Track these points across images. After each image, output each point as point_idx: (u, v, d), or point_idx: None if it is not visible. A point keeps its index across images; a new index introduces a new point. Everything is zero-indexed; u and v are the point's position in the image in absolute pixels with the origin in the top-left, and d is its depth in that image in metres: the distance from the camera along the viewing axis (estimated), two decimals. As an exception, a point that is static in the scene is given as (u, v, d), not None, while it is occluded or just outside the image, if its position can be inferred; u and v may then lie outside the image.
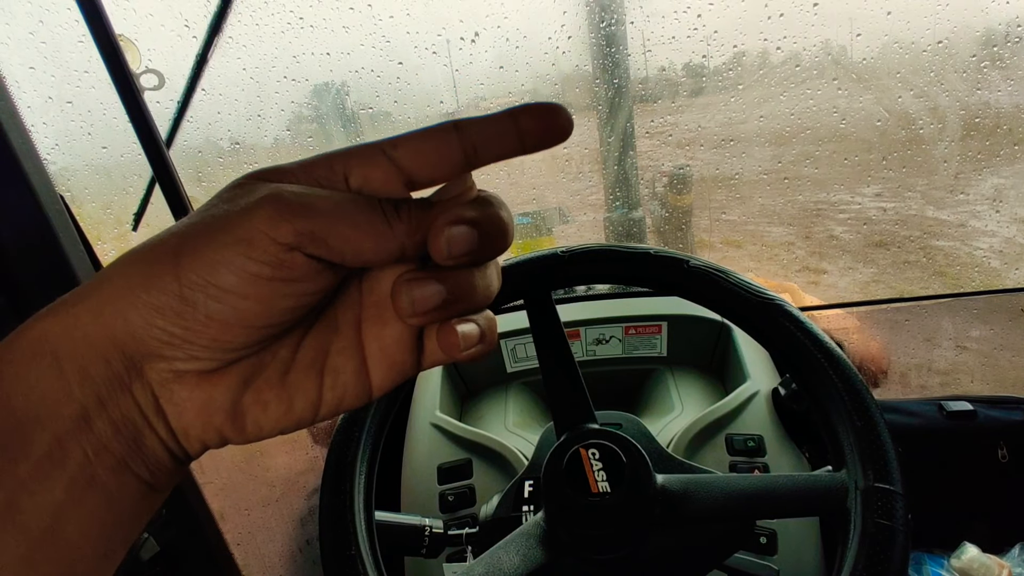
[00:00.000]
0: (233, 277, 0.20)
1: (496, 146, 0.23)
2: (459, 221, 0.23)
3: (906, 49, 0.98)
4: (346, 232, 0.22)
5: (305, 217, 0.21)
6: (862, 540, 0.42)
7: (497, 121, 0.23)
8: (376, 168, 0.23)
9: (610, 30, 1.03)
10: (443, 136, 0.23)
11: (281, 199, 0.21)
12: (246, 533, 1.23)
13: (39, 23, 0.90)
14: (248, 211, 0.20)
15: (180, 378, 0.22)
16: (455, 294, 0.24)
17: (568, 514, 0.48)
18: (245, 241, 0.20)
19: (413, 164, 0.23)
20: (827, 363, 0.50)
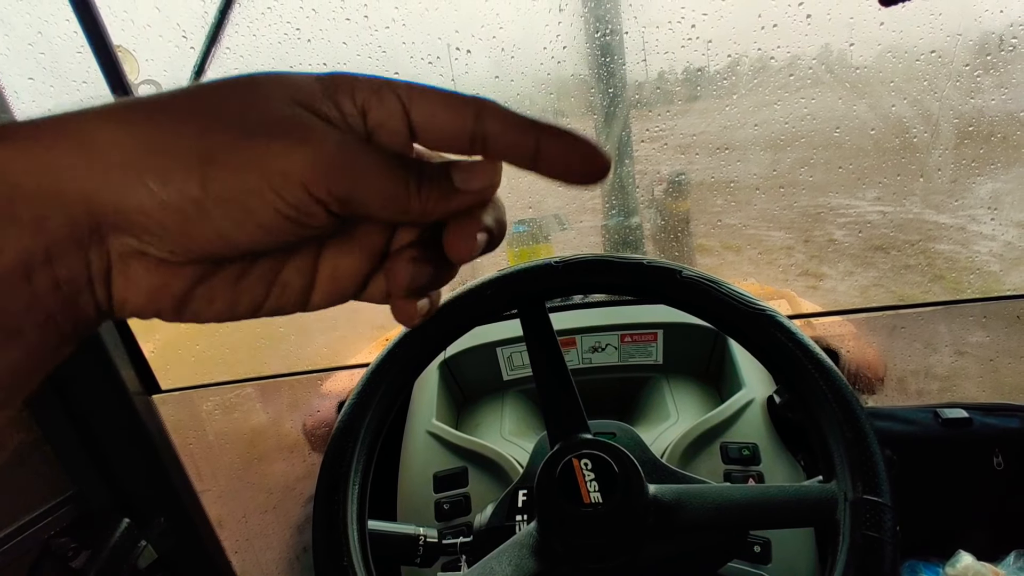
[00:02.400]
0: (257, 206, 0.20)
1: (505, 149, 0.23)
2: (484, 230, 0.25)
3: (900, 58, 0.98)
4: (374, 201, 0.22)
5: (343, 184, 0.21)
6: (851, 552, 0.42)
7: (519, 128, 0.23)
8: (392, 117, 0.23)
9: (605, 40, 1.04)
10: (460, 110, 0.23)
11: (325, 155, 0.21)
12: (244, 540, 1.23)
13: (38, 34, 0.91)
14: (290, 151, 0.20)
15: (142, 258, 0.21)
16: (440, 280, 0.27)
17: (560, 524, 0.48)
18: (281, 179, 0.20)
19: (422, 123, 0.23)
20: (817, 374, 0.50)
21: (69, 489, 0.90)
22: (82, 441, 0.92)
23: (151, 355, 1.01)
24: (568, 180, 0.23)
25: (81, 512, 0.91)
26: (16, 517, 0.83)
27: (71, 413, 0.90)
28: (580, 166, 0.23)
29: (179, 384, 1.09)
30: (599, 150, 0.23)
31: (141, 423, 0.96)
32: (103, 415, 0.93)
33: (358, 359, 1.21)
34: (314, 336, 1.31)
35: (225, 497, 1.21)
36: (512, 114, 0.23)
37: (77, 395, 0.90)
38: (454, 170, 0.24)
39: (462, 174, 0.24)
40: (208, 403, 1.18)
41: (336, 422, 0.54)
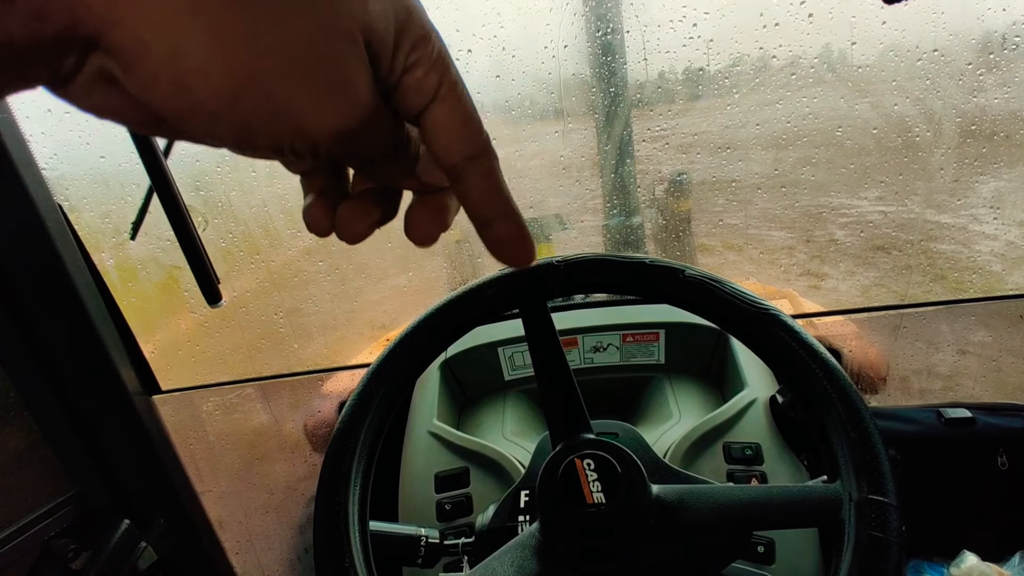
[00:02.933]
0: (247, 116, 0.19)
1: (467, 201, 0.25)
2: (441, 216, 0.28)
3: (902, 57, 0.98)
4: (364, 164, 0.25)
5: (349, 147, 0.22)
6: (856, 552, 0.42)
7: (491, 200, 0.25)
8: (420, 96, 0.23)
9: (606, 39, 1.04)
10: (468, 140, 0.24)
11: (350, 119, 0.21)
12: (245, 541, 1.23)
13: (38, 34, 0.90)
14: (318, 101, 0.20)
15: (110, 83, 0.19)
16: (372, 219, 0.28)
17: (563, 525, 0.48)
18: (290, 119, 0.20)
19: (432, 120, 0.24)
20: (821, 373, 0.50)
21: (69, 490, 0.90)
22: (82, 442, 0.92)
23: (151, 355, 1.01)
24: (494, 256, 0.27)
25: (81, 513, 0.90)
26: (16, 518, 0.83)
27: (71, 414, 0.90)
28: (507, 258, 0.27)
29: (179, 384, 1.09)
30: (529, 251, 0.27)
31: (141, 424, 0.96)
32: (103, 416, 0.93)
33: (359, 359, 1.21)
34: (314, 336, 1.31)
35: (226, 498, 1.21)
36: (496, 184, 0.25)
37: (77, 396, 0.90)
38: (420, 161, 0.26)
39: (425, 167, 0.27)
40: (208, 403, 1.17)
41: (337, 422, 0.54)
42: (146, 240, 1.05)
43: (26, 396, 0.86)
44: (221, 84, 0.18)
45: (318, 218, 0.26)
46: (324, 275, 1.26)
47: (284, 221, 1.21)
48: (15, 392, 0.85)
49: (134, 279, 1.14)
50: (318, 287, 1.26)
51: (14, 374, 0.85)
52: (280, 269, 1.26)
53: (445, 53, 0.23)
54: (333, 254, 1.27)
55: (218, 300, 0.85)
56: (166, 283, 1.16)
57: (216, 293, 0.85)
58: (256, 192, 1.18)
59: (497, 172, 0.25)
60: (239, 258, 1.18)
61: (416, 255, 1.31)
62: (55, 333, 0.87)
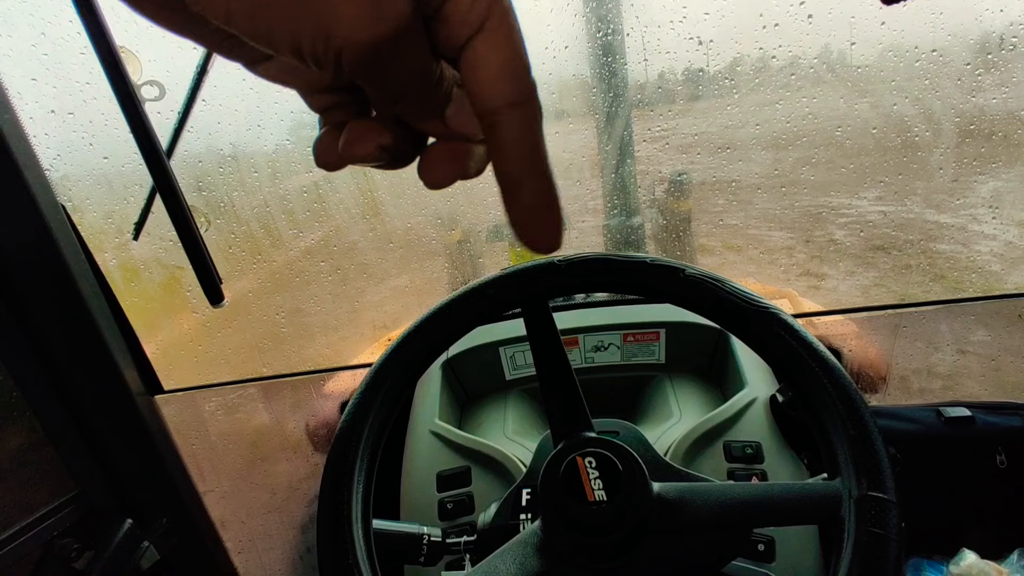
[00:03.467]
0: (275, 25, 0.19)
1: (497, 153, 0.22)
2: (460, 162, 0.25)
3: (901, 57, 0.98)
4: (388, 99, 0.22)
5: (375, 69, 0.20)
6: (855, 549, 0.42)
7: (523, 156, 0.22)
8: (461, 28, 0.21)
9: (607, 39, 1.04)
10: (509, 84, 0.21)
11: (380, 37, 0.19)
12: (247, 541, 1.23)
13: (41, 35, 0.91)
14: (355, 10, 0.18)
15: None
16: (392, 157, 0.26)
17: (564, 523, 0.48)
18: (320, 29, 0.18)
19: (472, 57, 0.21)
20: (821, 372, 0.50)
21: (72, 490, 0.90)
22: (85, 442, 0.92)
23: (154, 355, 1.01)
24: (516, 232, 0.23)
25: (84, 513, 0.91)
26: (19, 518, 0.83)
27: (74, 414, 0.90)
28: (531, 230, 0.23)
29: (182, 385, 1.09)
30: (557, 229, 0.23)
31: (144, 424, 0.96)
32: (106, 416, 0.93)
33: (360, 359, 1.21)
34: (316, 336, 1.31)
35: (228, 497, 1.21)
36: (535, 138, 0.22)
37: (80, 396, 0.91)
38: (451, 104, 0.23)
39: (455, 112, 0.23)
40: (211, 403, 1.18)
41: (339, 422, 0.54)
42: (149, 240, 1.05)
43: (29, 396, 0.86)
44: None
45: (328, 147, 0.24)
46: (326, 275, 1.26)
47: (286, 221, 1.21)
48: (18, 392, 0.85)
49: (136, 279, 1.14)
50: (320, 287, 1.27)
51: (17, 374, 0.85)
52: (282, 269, 1.26)
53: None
54: (335, 254, 1.27)
55: (220, 300, 0.86)
56: (168, 283, 1.16)
57: (218, 293, 0.85)
58: (258, 192, 1.18)
59: (539, 125, 0.22)
60: (241, 258, 1.19)
61: (417, 256, 1.31)
62: (58, 333, 0.87)
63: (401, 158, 0.24)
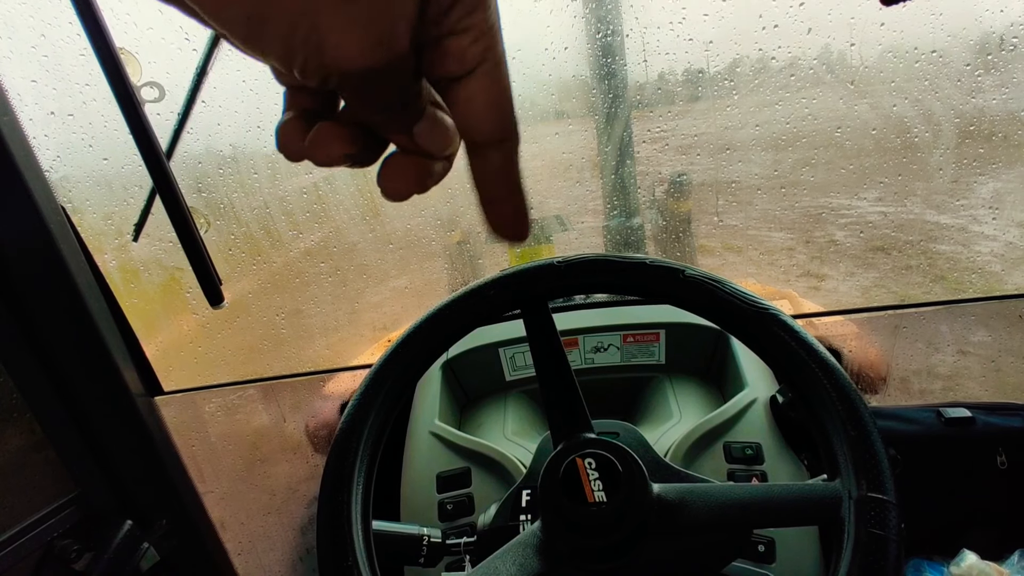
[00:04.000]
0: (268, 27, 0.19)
1: (479, 176, 0.25)
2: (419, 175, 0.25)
3: (901, 58, 0.98)
4: (368, 110, 0.22)
5: (361, 91, 0.20)
6: (855, 549, 0.42)
7: (503, 181, 0.25)
8: (453, 62, 0.21)
9: (606, 41, 1.04)
10: (494, 121, 0.23)
11: (374, 56, 0.19)
12: (247, 542, 1.23)
13: (41, 37, 0.91)
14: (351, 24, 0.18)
15: None
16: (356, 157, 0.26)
17: (564, 524, 0.48)
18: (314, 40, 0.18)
19: (463, 95, 0.22)
20: (821, 372, 0.50)
21: (72, 491, 0.90)
22: (85, 443, 0.92)
23: (154, 357, 1.01)
24: (492, 232, 0.26)
25: (84, 514, 0.91)
26: (19, 519, 0.83)
27: (74, 415, 0.90)
28: (507, 234, 0.26)
29: (181, 386, 1.09)
30: (526, 228, 0.26)
31: (143, 425, 0.96)
32: (106, 417, 0.93)
33: (360, 361, 1.21)
34: (315, 338, 1.31)
35: (227, 499, 1.21)
36: (514, 167, 0.24)
37: (80, 397, 0.91)
38: (421, 121, 0.23)
39: (424, 129, 0.24)
40: (210, 405, 1.18)
41: (340, 422, 0.54)
42: (148, 242, 1.05)
43: (29, 397, 0.86)
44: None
45: (292, 137, 0.24)
46: (325, 276, 1.26)
47: (285, 223, 1.21)
48: (18, 393, 0.85)
49: (136, 280, 1.14)
50: (319, 288, 1.27)
51: (17, 375, 0.85)
52: (281, 270, 1.26)
53: (497, 25, 0.21)
54: (334, 255, 1.27)
55: (220, 301, 0.86)
56: (168, 284, 1.16)
57: (218, 294, 0.85)
58: (258, 194, 1.18)
59: (517, 155, 0.24)
60: (241, 259, 1.19)
61: (417, 257, 1.31)
62: (58, 334, 0.87)
63: (362, 162, 0.25)
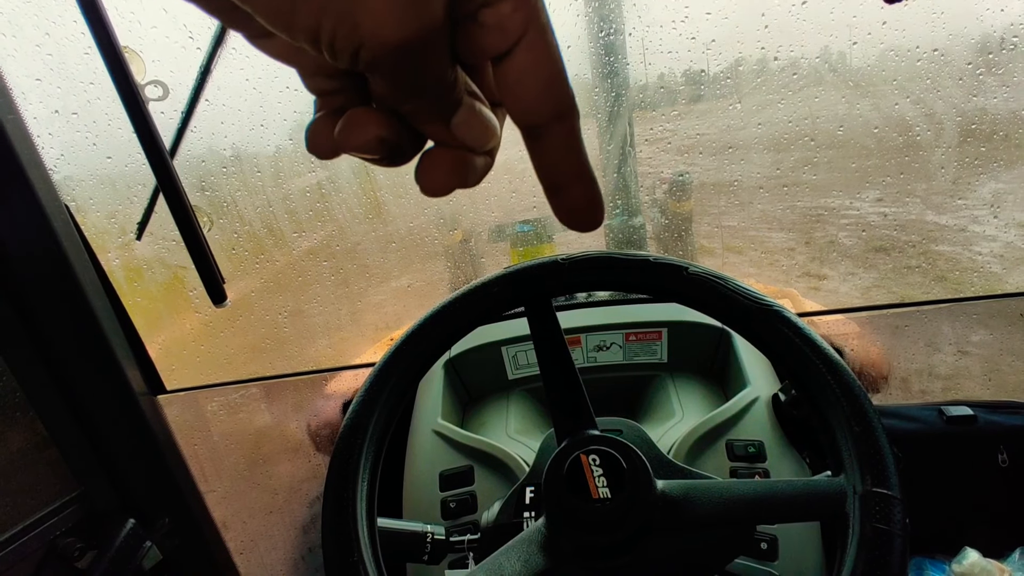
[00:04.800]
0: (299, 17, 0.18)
1: (542, 162, 0.23)
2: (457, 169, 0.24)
3: (902, 57, 0.99)
4: (403, 98, 0.21)
5: (399, 69, 0.19)
6: (860, 544, 0.42)
7: (570, 162, 0.23)
8: (495, 39, 0.20)
9: (608, 39, 1.04)
10: (550, 100, 0.21)
11: (411, 38, 0.18)
12: (249, 541, 1.23)
13: (45, 35, 0.91)
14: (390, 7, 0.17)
15: None
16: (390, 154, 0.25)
17: (569, 520, 0.48)
18: (349, 23, 0.18)
19: (510, 73, 0.21)
20: (825, 369, 0.50)
21: (75, 489, 0.90)
22: (88, 441, 0.92)
23: (156, 355, 1.01)
24: (564, 223, 0.24)
25: (86, 512, 0.91)
26: (22, 517, 0.83)
27: (77, 413, 0.90)
28: (578, 223, 0.24)
29: (184, 384, 1.09)
30: (600, 216, 0.24)
31: (146, 423, 0.96)
32: (109, 415, 0.94)
33: (362, 359, 1.21)
34: (318, 337, 1.31)
35: (230, 498, 1.21)
36: (578, 146, 0.22)
37: (83, 395, 0.91)
38: (459, 112, 0.22)
39: (462, 120, 0.22)
40: (213, 403, 1.18)
41: (344, 419, 0.54)
42: (152, 240, 1.05)
43: (32, 396, 0.86)
44: None
45: (323, 131, 0.22)
46: (328, 276, 1.27)
47: (288, 222, 1.21)
48: (21, 392, 0.85)
49: (140, 279, 1.14)
50: (322, 287, 1.27)
51: (20, 374, 0.85)
52: (284, 269, 1.26)
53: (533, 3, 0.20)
54: (337, 255, 1.27)
55: (223, 300, 0.86)
56: (171, 283, 1.17)
57: (221, 293, 0.85)
58: (261, 193, 1.18)
59: (579, 132, 0.22)
60: (244, 258, 1.19)
61: (419, 256, 1.32)
62: (61, 333, 0.87)
63: (398, 155, 0.23)
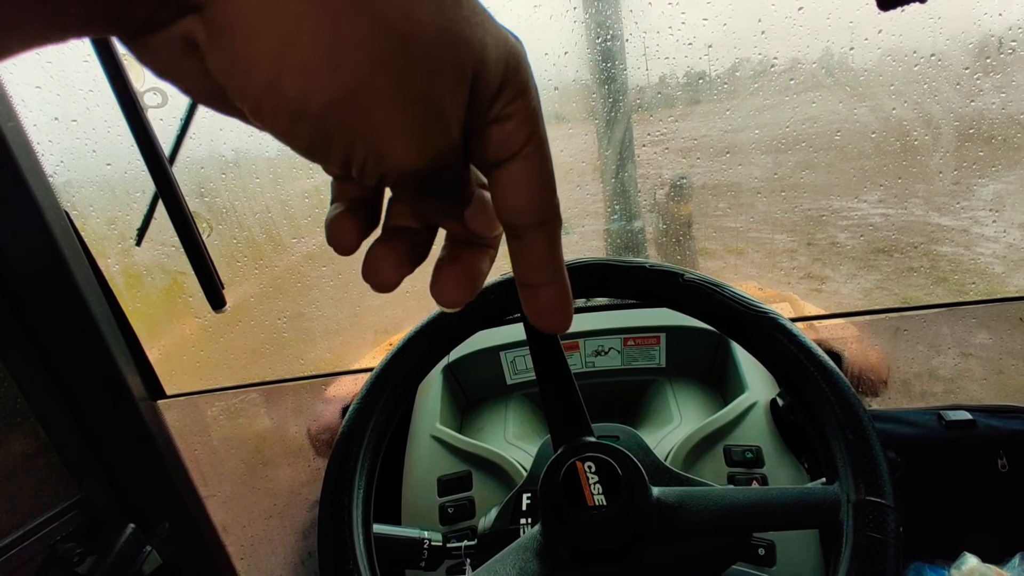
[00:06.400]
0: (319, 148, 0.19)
1: (520, 264, 0.24)
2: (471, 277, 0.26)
3: (900, 61, 0.99)
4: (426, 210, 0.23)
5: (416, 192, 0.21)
6: (854, 553, 0.43)
7: (546, 267, 0.24)
8: (499, 148, 0.21)
9: (606, 45, 1.05)
10: (535, 206, 0.23)
11: (426, 162, 0.19)
12: (248, 546, 1.23)
13: (45, 43, 0.91)
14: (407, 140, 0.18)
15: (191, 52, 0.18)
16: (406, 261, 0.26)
17: (564, 527, 0.48)
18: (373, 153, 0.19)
19: (504, 179, 0.22)
20: (819, 376, 0.50)
21: (75, 494, 0.91)
22: (88, 447, 0.92)
23: (156, 360, 1.02)
24: (532, 320, 0.26)
25: (86, 517, 0.91)
26: (22, 522, 0.83)
27: (77, 418, 0.91)
28: (546, 323, 0.25)
29: (184, 389, 1.09)
30: (568, 318, 0.25)
31: (146, 428, 0.97)
32: (108, 420, 0.94)
33: (361, 364, 1.21)
34: (317, 341, 1.31)
35: (230, 502, 1.21)
36: (555, 251, 0.24)
37: (83, 401, 0.91)
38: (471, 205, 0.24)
39: (475, 213, 0.24)
40: (213, 408, 1.18)
41: (341, 426, 0.54)
42: (151, 246, 1.05)
43: (32, 401, 0.87)
44: (320, 89, 0.17)
45: (344, 230, 0.24)
46: (327, 280, 1.27)
47: (287, 226, 1.22)
48: (21, 397, 0.86)
49: (139, 285, 1.15)
50: (321, 292, 1.27)
51: (20, 379, 0.85)
52: (283, 274, 1.27)
53: (538, 109, 0.22)
54: (335, 259, 1.27)
55: (222, 305, 0.86)
56: (171, 289, 1.17)
57: (220, 298, 0.86)
58: (260, 198, 1.19)
59: (559, 238, 0.24)
60: (243, 263, 1.19)
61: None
62: (61, 338, 0.88)
63: (414, 267, 0.25)
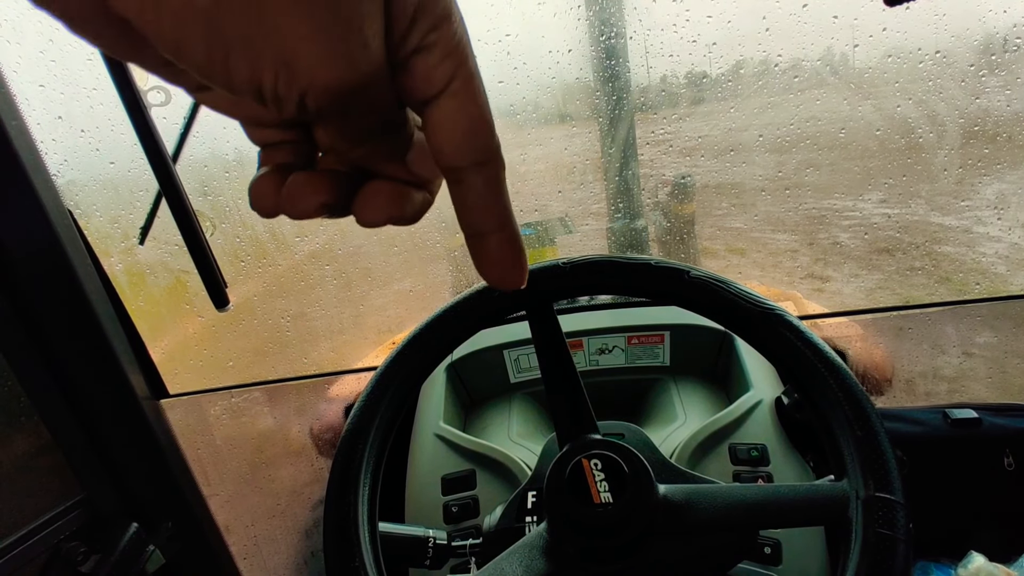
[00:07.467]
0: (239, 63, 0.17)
1: (462, 206, 0.23)
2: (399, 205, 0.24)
3: (904, 59, 0.99)
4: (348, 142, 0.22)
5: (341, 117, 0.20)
6: (863, 549, 0.42)
7: (489, 208, 0.23)
8: (428, 84, 0.20)
9: (610, 43, 1.05)
10: (474, 144, 0.21)
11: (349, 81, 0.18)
12: (251, 545, 1.23)
13: (49, 42, 0.92)
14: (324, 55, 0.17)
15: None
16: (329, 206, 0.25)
17: (570, 524, 0.48)
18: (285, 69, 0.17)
19: (437, 115, 0.21)
20: (827, 372, 0.50)
21: (78, 494, 0.91)
22: (91, 446, 0.92)
23: (159, 360, 1.02)
24: (483, 275, 0.24)
25: (90, 517, 0.91)
26: (26, 521, 0.83)
27: (80, 418, 0.91)
28: (495, 276, 0.24)
29: (187, 389, 1.09)
30: (522, 271, 0.24)
31: (149, 427, 0.97)
32: (112, 420, 0.94)
33: (364, 363, 1.21)
34: (320, 340, 1.31)
35: (233, 502, 1.21)
36: (499, 194, 0.23)
37: (86, 400, 0.91)
38: (412, 149, 0.23)
39: (416, 157, 0.23)
40: (216, 407, 1.18)
41: (346, 424, 0.54)
42: (154, 245, 1.05)
43: (36, 400, 0.86)
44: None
45: (267, 191, 0.22)
46: (330, 279, 1.27)
47: (290, 226, 1.22)
48: (25, 397, 0.86)
49: (143, 284, 1.15)
50: (324, 291, 1.27)
51: (24, 379, 0.85)
52: (286, 273, 1.27)
53: (466, 40, 0.20)
54: (339, 258, 1.27)
55: (225, 304, 0.86)
56: (174, 288, 1.17)
57: (224, 297, 0.86)
58: (263, 197, 1.18)
59: (502, 181, 0.23)
60: (246, 262, 1.19)
61: (421, 259, 1.32)
62: (64, 338, 0.88)
63: (340, 213, 0.24)
